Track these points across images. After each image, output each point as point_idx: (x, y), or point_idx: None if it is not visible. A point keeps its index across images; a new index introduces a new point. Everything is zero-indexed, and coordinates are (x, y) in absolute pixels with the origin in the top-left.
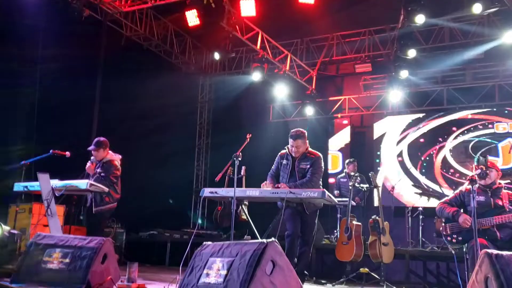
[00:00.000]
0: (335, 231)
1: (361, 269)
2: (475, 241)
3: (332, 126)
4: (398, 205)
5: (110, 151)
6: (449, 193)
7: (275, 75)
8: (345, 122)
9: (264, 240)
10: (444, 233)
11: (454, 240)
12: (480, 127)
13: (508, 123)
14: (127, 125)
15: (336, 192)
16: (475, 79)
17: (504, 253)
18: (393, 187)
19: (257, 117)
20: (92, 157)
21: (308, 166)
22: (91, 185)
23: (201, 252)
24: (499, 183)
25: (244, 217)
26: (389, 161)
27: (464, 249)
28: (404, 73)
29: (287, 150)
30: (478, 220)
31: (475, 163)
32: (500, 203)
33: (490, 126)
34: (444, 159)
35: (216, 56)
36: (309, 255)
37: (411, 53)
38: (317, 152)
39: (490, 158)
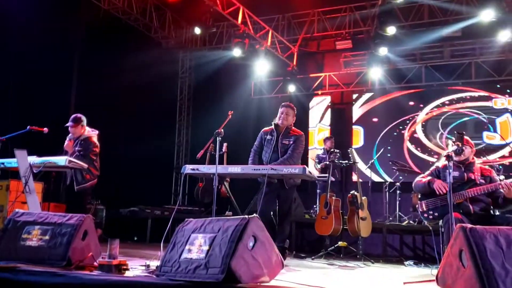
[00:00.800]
0: (315, 206)
1: (339, 242)
2: (450, 215)
3: (313, 103)
4: (376, 180)
5: (87, 127)
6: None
7: (257, 51)
8: (326, 98)
9: (246, 216)
10: (420, 210)
11: (430, 217)
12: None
13: (507, 99)
14: (105, 100)
15: (322, 164)
16: (453, 56)
17: (478, 227)
18: (371, 163)
19: (239, 93)
20: (70, 134)
21: (291, 142)
22: (70, 161)
23: (183, 228)
24: (472, 158)
25: (225, 193)
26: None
27: (440, 223)
28: (383, 50)
29: (272, 126)
30: (452, 194)
31: (452, 140)
32: (473, 177)
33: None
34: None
35: (197, 30)
36: (288, 229)
37: (391, 30)
38: (300, 131)
39: (487, 133)
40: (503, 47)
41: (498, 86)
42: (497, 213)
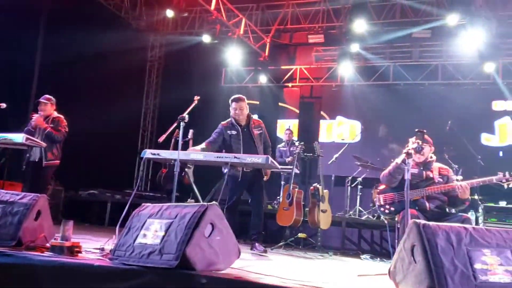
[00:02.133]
0: (278, 197)
1: (299, 234)
2: (406, 211)
3: (282, 95)
4: (339, 175)
5: None
6: None
7: (229, 38)
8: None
9: (205, 203)
10: (378, 204)
11: (387, 211)
12: None
13: (507, 102)
14: (70, 81)
15: (289, 158)
16: (421, 57)
17: (431, 223)
18: (335, 158)
19: (209, 80)
20: (40, 112)
21: (261, 132)
22: (27, 139)
23: (139, 213)
24: (431, 157)
25: (188, 180)
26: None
27: (396, 219)
28: (354, 47)
29: (231, 120)
30: (410, 191)
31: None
32: (431, 175)
33: None
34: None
35: (169, 13)
36: (259, 219)
37: (362, 26)
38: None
39: (485, 135)
40: (470, 51)
41: None
42: (453, 211)
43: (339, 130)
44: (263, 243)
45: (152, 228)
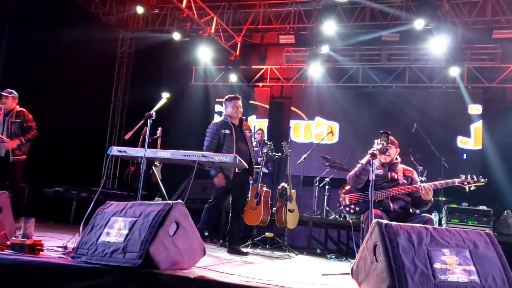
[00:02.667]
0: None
1: (266, 233)
2: (370, 211)
3: (253, 94)
4: (307, 175)
5: None
6: None
7: (200, 37)
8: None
9: (170, 202)
10: (343, 203)
11: (352, 211)
12: None
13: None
14: (37, 76)
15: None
16: (389, 60)
17: (393, 223)
18: (304, 158)
19: (179, 78)
20: (0, 105)
21: (251, 134)
22: None
23: (103, 211)
24: (396, 158)
25: (155, 179)
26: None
27: (361, 219)
28: (324, 48)
29: (223, 118)
30: (374, 191)
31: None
32: (396, 176)
33: None
34: None
35: (139, 10)
36: (236, 220)
37: (332, 28)
38: None
39: (461, 138)
40: (436, 54)
41: None
42: (417, 212)
43: (317, 131)
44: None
45: (116, 226)
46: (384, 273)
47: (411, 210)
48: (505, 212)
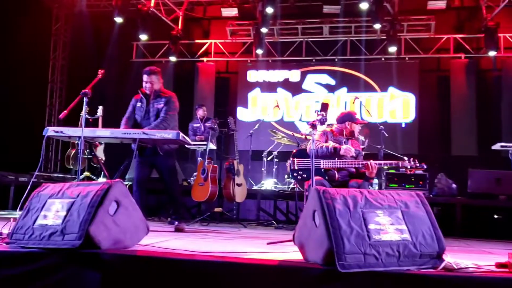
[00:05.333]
0: (195, 173)
1: (215, 208)
2: (312, 180)
3: (197, 70)
4: (256, 149)
5: None
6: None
7: (139, 11)
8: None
9: (108, 181)
10: (291, 167)
11: (299, 177)
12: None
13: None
14: None
15: (198, 137)
16: (331, 33)
17: (331, 189)
18: (251, 133)
19: (119, 55)
20: None
21: (162, 105)
22: None
23: (39, 194)
24: (353, 132)
25: (97, 160)
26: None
27: (305, 187)
28: (268, 22)
29: (140, 92)
30: (326, 160)
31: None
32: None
33: None
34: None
35: None
36: (177, 197)
37: (275, 1)
38: (171, 92)
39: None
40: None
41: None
42: None
43: (264, 104)
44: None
45: (53, 208)
46: (322, 236)
47: None
48: (439, 175)
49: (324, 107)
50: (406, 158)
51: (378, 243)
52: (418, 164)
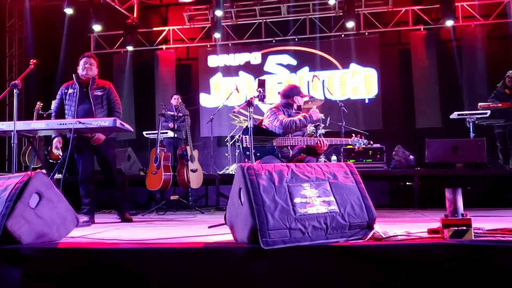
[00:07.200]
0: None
1: (171, 196)
2: (251, 159)
3: (157, 58)
4: (218, 135)
5: None
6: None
7: (91, 1)
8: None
9: (28, 172)
10: (244, 145)
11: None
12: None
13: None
14: None
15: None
16: (289, 12)
17: (255, 165)
18: (211, 118)
19: (77, 48)
20: None
21: (103, 93)
22: None
23: None
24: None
25: (57, 156)
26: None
27: None
28: (224, 5)
29: (74, 78)
30: (278, 138)
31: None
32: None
33: None
34: None
35: None
36: (121, 186)
37: None
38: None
39: None
40: (333, 3)
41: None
42: None
43: (226, 88)
44: (135, 209)
45: None
46: (247, 214)
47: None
48: (396, 147)
49: (262, 83)
50: (355, 136)
51: (304, 217)
52: (365, 141)
